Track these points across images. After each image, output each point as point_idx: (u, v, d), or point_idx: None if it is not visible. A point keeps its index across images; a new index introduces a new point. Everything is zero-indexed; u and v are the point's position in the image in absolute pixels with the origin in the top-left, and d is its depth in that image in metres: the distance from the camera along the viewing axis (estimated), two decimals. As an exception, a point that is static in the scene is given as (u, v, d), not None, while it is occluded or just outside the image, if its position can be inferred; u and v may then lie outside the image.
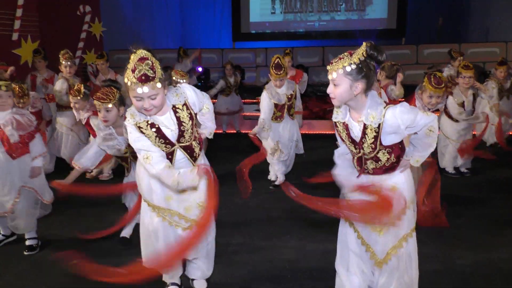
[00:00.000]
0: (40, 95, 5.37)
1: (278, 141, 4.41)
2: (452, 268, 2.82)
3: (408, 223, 2.12)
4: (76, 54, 9.65)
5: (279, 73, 4.19)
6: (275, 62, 4.22)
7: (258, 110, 7.14)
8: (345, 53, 1.91)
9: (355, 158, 2.13)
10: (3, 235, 3.27)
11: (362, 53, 1.87)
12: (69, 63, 5.03)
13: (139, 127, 2.08)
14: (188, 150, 2.21)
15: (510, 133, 6.20)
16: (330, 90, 1.94)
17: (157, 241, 2.27)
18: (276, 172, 4.59)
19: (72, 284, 2.63)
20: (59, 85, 5.09)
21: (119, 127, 2.81)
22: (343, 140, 2.13)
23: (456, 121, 4.66)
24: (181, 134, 2.14)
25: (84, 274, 2.05)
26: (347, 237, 2.22)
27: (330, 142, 4.58)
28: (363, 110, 1.96)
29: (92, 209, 3.98)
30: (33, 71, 6.10)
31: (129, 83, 1.95)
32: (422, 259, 2.25)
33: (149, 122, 2.08)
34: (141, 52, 1.96)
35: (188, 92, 2.17)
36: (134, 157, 2.93)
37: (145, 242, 2.35)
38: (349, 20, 12.56)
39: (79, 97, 4.20)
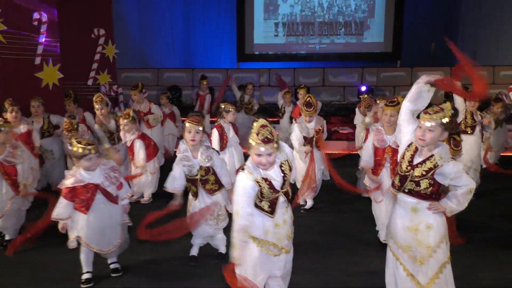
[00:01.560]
0: None
1: (308, 170, 4.93)
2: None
3: (443, 253, 2.70)
4: (90, 75, 9.99)
5: (309, 110, 4.77)
6: (306, 100, 4.79)
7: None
8: (438, 108, 2.53)
9: (398, 175, 2.72)
10: (89, 272, 3.38)
11: (450, 112, 2.51)
12: (100, 106, 5.44)
13: (257, 182, 2.60)
14: (287, 195, 2.74)
15: (503, 154, 6.74)
16: (422, 134, 2.54)
17: (255, 267, 2.73)
18: (306, 197, 5.10)
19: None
20: (99, 132, 5.56)
21: (196, 151, 3.44)
22: (402, 157, 2.71)
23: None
24: (283, 183, 2.68)
25: None
26: (396, 265, 2.80)
27: (341, 162, 5.09)
28: (431, 150, 2.58)
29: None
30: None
31: (253, 143, 2.53)
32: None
33: (263, 177, 2.62)
34: (262, 121, 2.56)
35: (287, 150, 2.75)
36: (202, 181, 3.47)
37: (242, 268, 2.78)
38: (348, 43, 13.24)
39: (127, 120, 4.75)
